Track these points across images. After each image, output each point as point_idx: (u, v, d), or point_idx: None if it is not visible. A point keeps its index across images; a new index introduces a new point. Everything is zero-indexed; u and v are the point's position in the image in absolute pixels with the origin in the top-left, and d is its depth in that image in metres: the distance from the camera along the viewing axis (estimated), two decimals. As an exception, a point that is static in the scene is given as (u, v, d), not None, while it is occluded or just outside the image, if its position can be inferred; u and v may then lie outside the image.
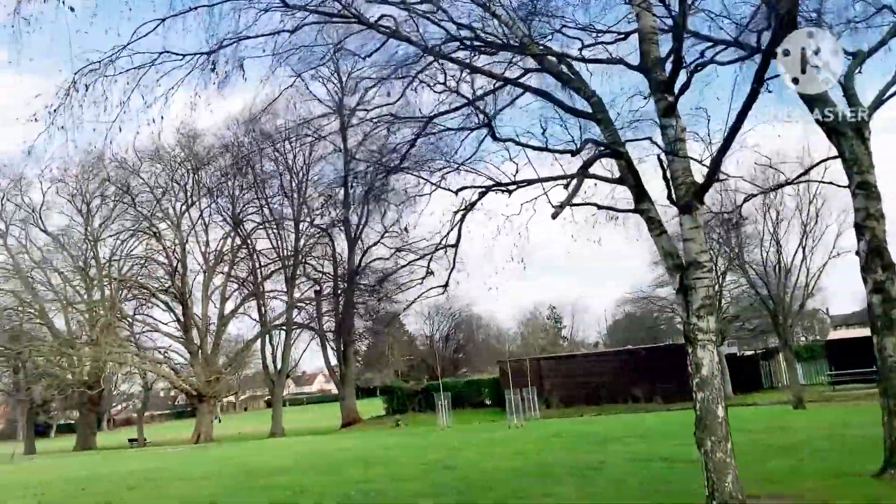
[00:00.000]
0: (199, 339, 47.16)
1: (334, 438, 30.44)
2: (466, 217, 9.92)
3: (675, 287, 7.63)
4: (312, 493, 12.02)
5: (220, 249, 49.51)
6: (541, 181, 8.42)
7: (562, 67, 8.46)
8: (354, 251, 46.47)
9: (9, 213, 50.54)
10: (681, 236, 7.95)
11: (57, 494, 15.47)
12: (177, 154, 47.95)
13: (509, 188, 8.78)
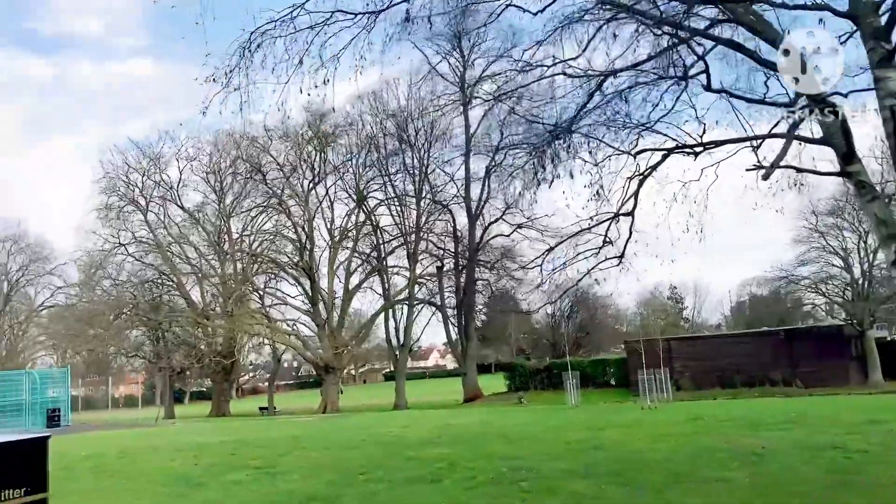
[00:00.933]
0: (325, 312, 48.55)
1: (461, 413, 30.56)
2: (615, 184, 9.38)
3: (891, 259, 6.88)
4: (462, 467, 11.89)
5: (345, 226, 50.75)
6: (739, 141, 7.79)
7: (751, 17, 7.75)
8: (475, 227, 46.40)
9: (149, 189, 53.55)
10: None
11: (210, 457, 16.07)
12: (304, 132, 49.27)
13: (695, 150, 8.18)
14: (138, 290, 52.77)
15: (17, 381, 38.60)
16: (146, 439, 23.52)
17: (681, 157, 8.23)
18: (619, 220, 9.61)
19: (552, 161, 9.83)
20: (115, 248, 51.83)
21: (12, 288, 65.31)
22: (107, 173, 52.27)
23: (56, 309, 64.55)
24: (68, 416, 38.06)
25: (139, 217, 52.97)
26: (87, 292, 54.22)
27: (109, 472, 14.67)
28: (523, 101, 13.55)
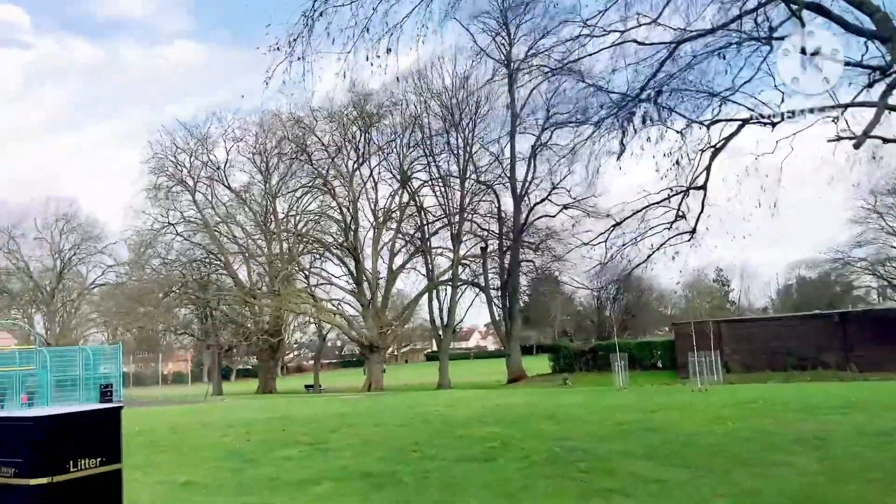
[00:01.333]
0: (369, 292, 48.80)
1: (506, 393, 30.48)
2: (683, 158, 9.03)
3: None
4: (514, 447, 11.80)
5: (389, 206, 50.80)
6: (825, 109, 7.38)
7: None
8: (520, 208, 46.02)
9: (196, 170, 54.24)
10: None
11: (261, 434, 16.23)
12: (349, 112, 49.30)
13: (773, 120, 7.82)
14: (186, 269, 53.65)
15: (72, 357, 39.58)
16: (197, 415, 23.93)
17: (755, 128, 7.89)
18: (689, 194, 9.28)
19: (623, 132, 9.46)
20: (164, 227, 52.73)
21: (65, 266, 66.93)
22: (155, 154, 53.12)
23: (107, 287, 66.08)
24: (120, 392, 38.92)
25: (187, 197, 53.76)
26: (136, 271, 55.32)
27: (163, 447, 14.90)
28: (582, 73, 13.03)
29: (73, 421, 4.26)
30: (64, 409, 4.46)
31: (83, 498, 4.21)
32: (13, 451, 4.08)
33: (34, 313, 67.27)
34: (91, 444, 4.29)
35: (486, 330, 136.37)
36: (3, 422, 4.32)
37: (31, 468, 4.03)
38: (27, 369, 35.78)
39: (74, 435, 4.20)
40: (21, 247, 65.52)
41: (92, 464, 4.25)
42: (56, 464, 4.07)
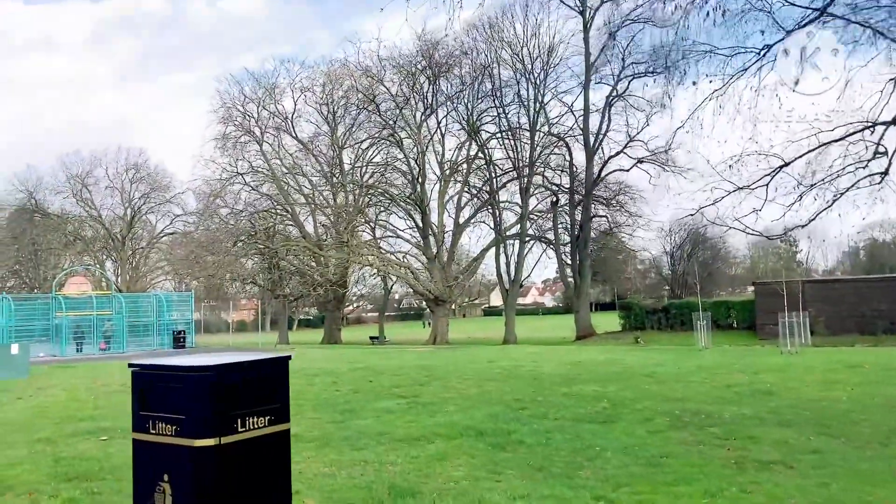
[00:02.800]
0: (435, 246, 48.29)
1: (583, 350, 29.70)
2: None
3: None
4: (627, 408, 11.08)
5: (456, 159, 49.88)
6: None
7: None
8: (593, 162, 44.64)
9: (264, 120, 54.07)
10: None
11: (348, 384, 15.88)
12: (417, 62, 48.28)
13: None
14: (254, 219, 53.87)
15: (146, 303, 40.27)
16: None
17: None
18: (874, 129, 8.22)
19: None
20: (232, 177, 52.84)
21: (135, 215, 68.10)
22: (224, 104, 53.09)
23: (175, 236, 67.13)
24: (192, 339, 39.49)
25: (255, 147, 53.76)
26: (205, 220, 55.77)
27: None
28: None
29: (242, 372, 3.63)
30: (229, 357, 3.85)
31: (251, 463, 3.60)
32: (174, 406, 3.49)
33: (105, 260, 68.84)
34: (259, 400, 3.68)
35: (543, 286, 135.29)
36: (162, 371, 3.71)
37: (195, 426, 3.44)
38: (105, 314, 36.43)
39: (243, 389, 3.59)
40: (93, 195, 66.90)
41: (260, 423, 3.64)
42: (224, 422, 3.47)
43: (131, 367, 3.82)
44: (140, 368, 3.79)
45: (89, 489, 6.64)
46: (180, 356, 4.49)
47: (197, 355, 4.15)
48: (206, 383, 3.44)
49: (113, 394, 15.38)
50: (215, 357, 3.92)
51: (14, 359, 21.21)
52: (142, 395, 3.65)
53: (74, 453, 8.45)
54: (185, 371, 3.57)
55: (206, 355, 4.26)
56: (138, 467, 3.67)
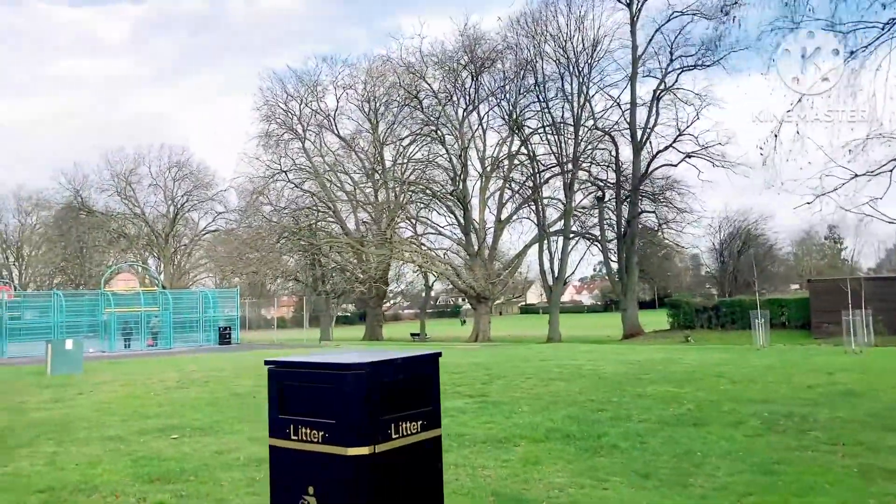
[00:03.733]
0: (477, 242, 47.83)
1: (635, 349, 29.00)
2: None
3: None
4: (712, 409, 10.56)
5: (497, 155, 49.33)
6: None
7: None
8: (640, 156, 43.77)
9: (306, 118, 54.06)
10: None
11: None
12: (460, 58, 47.87)
13: None
14: (295, 216, 53.91)
15: (192, 300, 40.46)
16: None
17: None
18: None
19: None
20: (275, 174, 52.91)
21: (178, 212, 68.65)
22: (266, 101, 53.17)
23: (217, 233, 67.55)
24: (237, 335, 39.56)
25: (297, 144, 53.77)
26: (247, 217, 55.95)
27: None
28: None
29: (395, 371, 3.24)
30: (379, 353, 3.45)
31: (405, 475, 3.20)
32: (321, 409, 3.11)
33: (148, 257, 69.52)
34: (412, 403, 3.29)
35: (581, 284, 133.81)
36: (306, 368, 3.33)
37: (347, 432, 3.05)
38: (153, 310, 36.63)
39: (396, 389, 3.20)
40: (137, 192, 67.59)
41: (413, 428, 3.25)
42: (378, 428, 3.07)
43: (268, 363, 3.45)
44: (277, 366, 3.42)
45: (175, 492, 6.35)
46: (318, 352, 4.06)
47: (337, 352, 3.74)
48: (360, 383, 3.05)
49: (171, 390, 15.25)
50: (364, 354, 3.53)
51: (69, 354, 21.30)
52: (280, 395, 3.29)
53: (149, 452, 8.21)
54: (335, 369, 3.17)
55: (346, 352, 3.87)
56: (278, 478, 3.31)
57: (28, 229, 75.82)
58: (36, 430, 9.98)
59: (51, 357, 20.98)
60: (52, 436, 9.48)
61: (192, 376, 18.25)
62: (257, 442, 8.79)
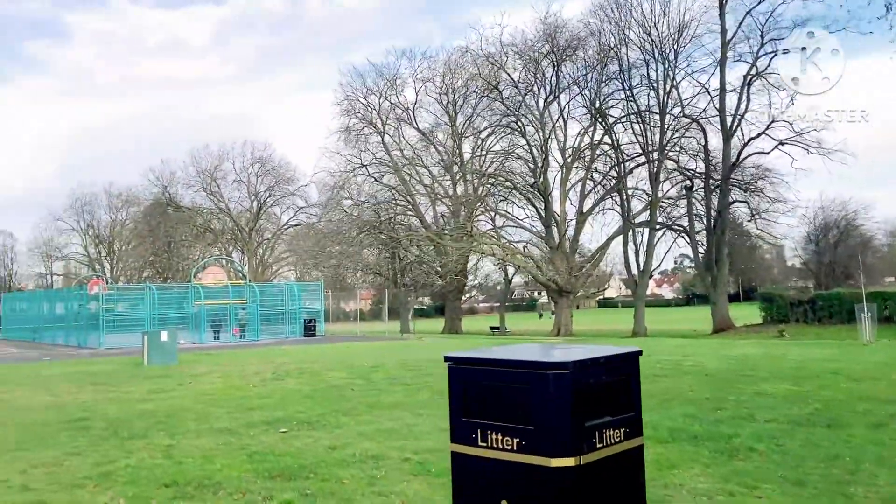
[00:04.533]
0: (558, 235, 47.06)
1: (730, 344, 27.83)
2: None
3: None
4: (844, 409, 9.80)
5: (578, 145, 48.36)
6: None
7: None
8: (730, 144, 42.13)
9: (385, 112, 54.26)
10: None
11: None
12: (540, 48, 47.12)
13: None
14: (375, 210, 54.23)
15: (278, 292, 41.08)
16: (413, 352, 23.44)
17: None
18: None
19: None
20: (355, 168, 53.32)
21: (261, 207, 70.03)
22: (346, 96, 53.61)
23: (299, 228, 68.66)
24: (322, 327, 39.95)
25: (376, 139, 54.02)
26: (328, 212, 56.58)
27: (403, 383, 14.17)
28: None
29: (599, 370, 2.86)
30: (577, 351, 3.09)
31: (609, 489, 2.82)
32: (516, 413, 2.75)
33: (232, 251, 71.17)
34: (616, 407, 2.90)
35: (661, 277, 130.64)
36: (494, 366, 2.97)
37: (548, 440, 2.68)
38: (241, 303, 37.31)
39: (600, 392, 2.82)
40: (221, 188, 69.25)
41: (616, 436, 2.86)
42: (583, 436, 2.71)
43: (448, 359, 3.11)
44: (460, 362, 3.07)
45: (300, 490, 6.14)
46: (504, 347, 3.73)
47: (528, 347, 3.36)
48: (563, 384, 2.68)
49: (268, 382, 15.29)
50: (560, 350, 3.17)
51: (164, 345, 21.74)
52: (464, 396, 2.94)
53: (263, 447, 8.07)
54: (534, 368, 2.80)
55: (539, 348, 3.49)
56: (463, 489, 2.96)
57: (119, 225, 78.74)
58: (146, 422, 10.03)
59: (147, 348, 21.43)
60: (163, 427, 9.49)
61: (286, 368, 18.34)
62: (366, 437, 8.59)
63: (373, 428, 9.24)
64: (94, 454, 7.76)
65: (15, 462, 7.50)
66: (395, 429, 9.15)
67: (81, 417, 10.41)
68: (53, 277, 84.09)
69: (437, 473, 6.73)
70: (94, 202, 78.07)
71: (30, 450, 8.16)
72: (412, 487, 6.25)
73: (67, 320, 37.49)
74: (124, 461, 7.29)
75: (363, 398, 12.21)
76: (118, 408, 11.56)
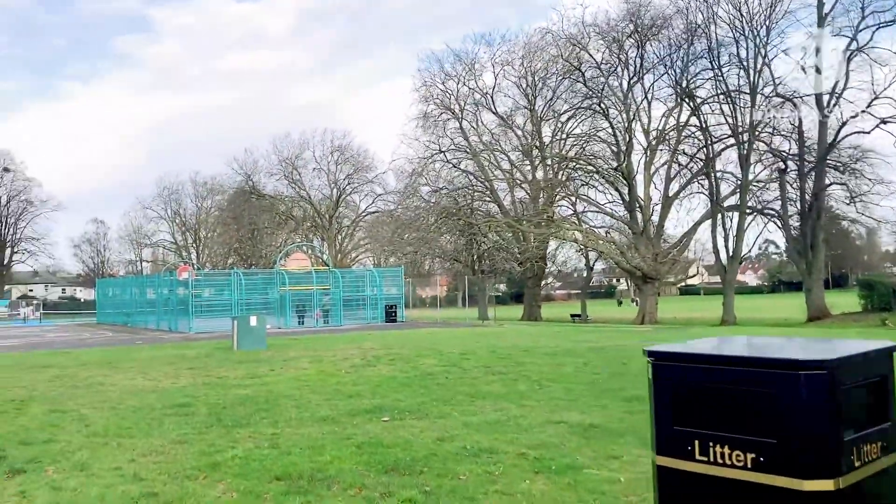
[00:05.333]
0: (642, 220, 45.76)
1: (838, 333, 26.42)
2: None
3: None
4: None
5: (663, 127, 46.83)
6: None
7: None
8: (827, 124, 39.98)
9: (463, 97, 53.76)
10: None
11: (597, 364, 14.64)
12: (624, 28, 45.75)
13: None
14: (453, 196, 53.92)
15: (360, 278, 41.29)
16: (498, 340, 22.99)
17: None
18: None
19: None
20: (433, 154, 53.07)
21: (341, 195, 70.75)
22: (425, 82, 53.39)
23: (377, 215, 69.09)
24: (403, 313, 39.95)
25: (454, 124, 53.63)
26: (406, 198, 56.60)
27: (498, 372, 13.73)
28: None
29: (856, 372, 2.33)
30: (829, 347, 2.57)
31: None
32: (749, 421, 2.26)
33: (313, 238, 72.20)
34: (871, 416, 2.38)
35: (744, 264, 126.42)
36: (725, 364, 2.46)
37: (797, 458, 2.18)
38: (325, 288, 37.62)
39: (856, 398, 2.31)
40: (302, 176, 70.28)
41: (873, 452, 2.34)
42: (843, 453, 2.20)
43: (652, 354, 2.63)
44: (667, 358, 2.57)
45: (418, 486, 5.77)
46: (722, 339, 3.18)
47: (758, 340, 2.89)
48: (819, 388, 2.17)
49: (360, 368, 15.10)
50: (802, 345, 2.66)
51: (253, 330, 21.87)
52: (675, 398, 2.45)
53: (368, 437, 7.76)
54: (779, 367, 2.28)
55: (772, 341, 2.96)
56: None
57: (204, 212, 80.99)
58: (246, 408, 9.88)
59: (237, 333, 21.60)
60: (265, 415, 9.31)
61: (374, 353, 18.16)
62: (473, 428, 8.20)
63: (478, 419, 8.84)
64: (199, 443, 7.60)
65: (123, 449, 7.41)
66: (502, 420, 8.73)
67: (183, 403, 10.36)
68: (142, 264, 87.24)
69: (558, 471, 6.28)
70: (181, 191, 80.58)
71: (135, 436, 8.08)
72: (536, 487, 5.81)
73: (158, 305, 38.53)
74: (231, 451, 7.08)
75: (459, 387, 11.84)
76: (217, 393, 11.51)
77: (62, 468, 6.60)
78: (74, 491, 5.83)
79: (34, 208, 77.09)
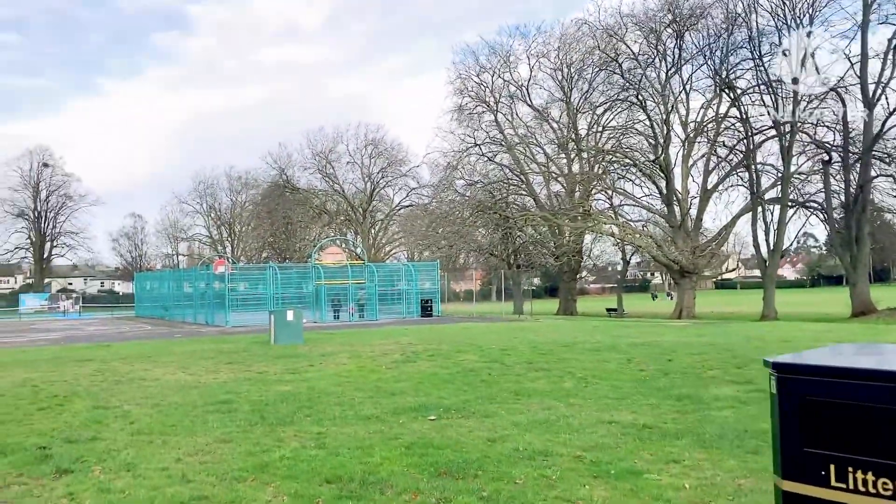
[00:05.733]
0: (680, 213, 44.99)
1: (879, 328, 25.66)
2: None
3: None
4: None
5: (702, 119, 45.92)
6: None
7: None
8: (873, 115, 38.83)
9: (498, 89, 53.31)
10: None
11: (642, 360, 14.32)
12: (662, 18, 44.89)
13: None
14: (488, 190, 53.53)
15: (395, 273, 41.18)
16: (537, 335, 22.67)
17: None
18: None
19: None
20: (468, 148, 52.72)
21: (374, 188, 70.73)
22: (459, 75, 53.03)
23: (411, 208, 68.93)
24: (438, 307, 39.78)
25: (489, 117, 53.21)
26: (440, 192, 56.32)
27: (541, 368, 13.46)
28: None
29: None
30: None
31: None
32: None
33: (347, 232, 72.35)
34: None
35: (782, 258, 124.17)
36: (872, 380, 2.18)
37: None
38: (360, 282, 37.57)
39: None
40: (336, 170, 70.38)
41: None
42: None
43: (775, 366, 2.36)
44: (794, 371, 2.29)
45: (476, 492, 5.55)
46: (860, 347, 2.90)
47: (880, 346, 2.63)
48: None
49: (399, 364, 14.93)
50: None
51: (290, 324, 21.83)
52: (805, 417, 2.18)
53: (416, 437, 7.56)
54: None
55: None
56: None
57: (239, 207, 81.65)
58: (289, 406, 9.74)
59: (274, 327, 21.58)
60: (309, 413, 9.15)
61: (413, 349, 17.99)
62: (523, 428, 7.96)
63: (526, 418, 8.60)
64: (244, 442, 7.45)
65: (168, 447, 7.29)
66: (552, 420, 8.47)
67: (225, 400, 10.25)
68: (179, 258, 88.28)
69: (618, 476, 6.02)
70: (216, 185, 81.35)
71: (179, 434, 7.96)
72: (597, 493, 5.55)
73: (195, 299, 38.81)
74: (278, 451, 6.91)
75: (504, 384, 11.61)
76: (258, 389, 11.40)
77: (109, 468, 6.49)
78: (123, 493, 5.70)
79: (73, 203, 78.33)
